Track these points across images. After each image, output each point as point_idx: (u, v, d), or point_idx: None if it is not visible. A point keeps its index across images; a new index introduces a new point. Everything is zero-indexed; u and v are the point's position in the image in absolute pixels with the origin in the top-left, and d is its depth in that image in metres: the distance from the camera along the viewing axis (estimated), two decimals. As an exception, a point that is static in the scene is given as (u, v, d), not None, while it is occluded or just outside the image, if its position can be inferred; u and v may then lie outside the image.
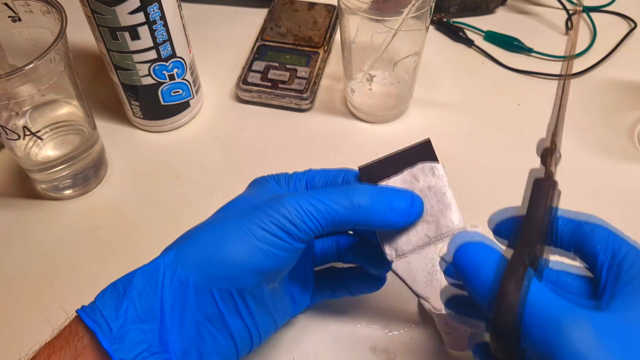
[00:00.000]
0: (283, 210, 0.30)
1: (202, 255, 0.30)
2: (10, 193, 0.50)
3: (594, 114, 0.54)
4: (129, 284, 0.29)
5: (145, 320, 0.29)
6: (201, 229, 0.32)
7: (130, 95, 0.51)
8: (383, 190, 0.33)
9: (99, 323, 0.28)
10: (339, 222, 0.31)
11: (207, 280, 0.29)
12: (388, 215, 0.32)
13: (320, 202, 0.31)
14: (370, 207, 0.31)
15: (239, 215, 0.31)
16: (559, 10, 0.63)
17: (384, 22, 0.45)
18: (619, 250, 0.28)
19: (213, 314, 0.30)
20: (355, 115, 0.55)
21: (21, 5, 0.43)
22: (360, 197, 0.31)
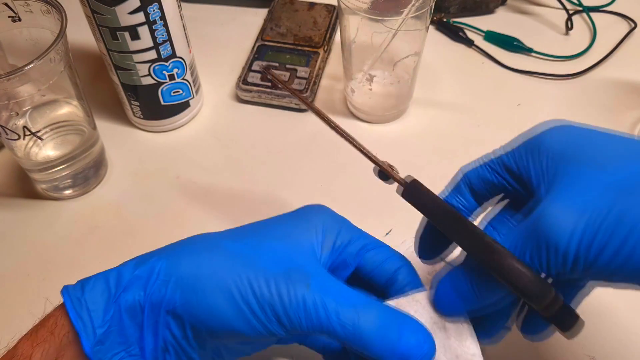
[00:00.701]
0: (286, 296, 0.27)
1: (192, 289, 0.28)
2: (10, 193, 0.50)
3: (594, 114, 0.54)
4: (120, 283, 0.29)
5: (127, 324, 0.28)
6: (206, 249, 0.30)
7: (130, 95, 0.51)
8: (396, 326, 0.28)
9: (84, 321, 0.28)
10: (334, 338, 0.28)
11: (185, 314, 0.28)
12: (389, 358, 0.27)
13: (325, 312, 0.27)
14: (371, 341, 0.27)
15: (249, 265, 0.29)
16: (559, 10, 0.63)
17: (384, 22, 0.45)
18: None
19: (180, 338, 0.29)
20: (355, 115, 0.55)
21: (21, 5, 0.43)
22: (366, 320, 0.27)
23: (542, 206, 0.26)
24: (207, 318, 0.28)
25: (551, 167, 0.28)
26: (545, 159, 0.28)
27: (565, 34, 0.61)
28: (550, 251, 0.25)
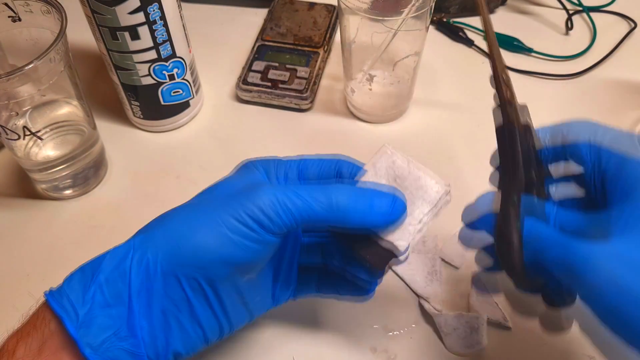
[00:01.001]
0: (258, 200, 0.29)
1: (171, 241, 0.29)
2: (10, 193, 0.50)
3: (594, 114, 0.54)
4: (97, 267, 0.29)
5: (112, 305, 0.28)
6: (173, 213, 0.31)
7: (130, 95, 0.51)
8: (364, 192, 0.31)
9: (65, 308, 0.28)
10: (315, 220, 0.30)
11: (175, 267, 0.29)
12: (369, 217, 0.30)
13: (298, 196, 0.30)
14: (348, 208, 0.30)
15: (213, 202, 0.31)
16: (559, 10, 0.63)
17: (384, 22, 0.45)
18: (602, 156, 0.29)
19: (180, 301, 0.29)
20: (355, 115, 0.55)
21: (21, 5, 0.43)
22: (339, 197, 0.30)
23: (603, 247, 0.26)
24: (196, 258, 0.29)
25: (631, 194, 0.28)
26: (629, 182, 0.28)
27: (565, 34, 0.61)
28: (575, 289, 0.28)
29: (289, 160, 0.35)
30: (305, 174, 0.35)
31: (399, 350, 0.40)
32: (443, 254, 0.44)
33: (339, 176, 0.34)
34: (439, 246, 0.45)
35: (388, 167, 0.33)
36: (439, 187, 0.32)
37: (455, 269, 0.44)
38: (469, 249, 0.34)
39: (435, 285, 0.43)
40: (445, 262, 0.44)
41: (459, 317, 0.40)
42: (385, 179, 0.33)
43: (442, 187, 0.32)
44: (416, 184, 0.32)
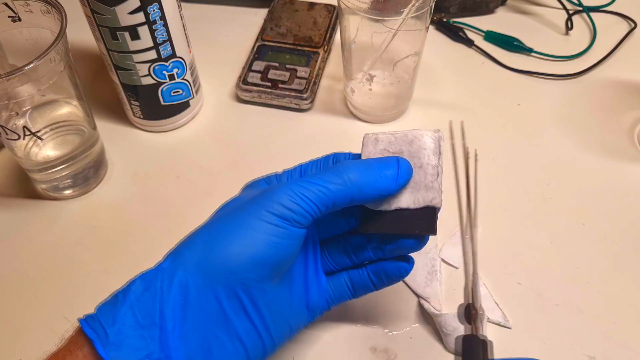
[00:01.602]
0: (276, 197, 0.30)
1: (199, 254, 0.29)
2: (10, 193, 0.50)
3: (594, 114, 0.54)
4: (128, 290, 0.29)
5: (144, 327, 0.28)
6: (197, 231, 0.31)
7: (130, 95, 0.51)
8: (369, 162, 0.33)
9: (96, 330, 0.28)
10: (334, 201, 0.31)
11: (208, 279, 0.29)
12: (380, 183, 0.32)
13: (311, 183, 0.31)
14: (361, 179, 0.31)
15: (232, 211, 0.31)
16: (559, 10, 0.63)
17: (384, 22, 0.45)
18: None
19: (217, 315, 0.29)
20: (355, 115, 0.55)
21: (21, 5, 0.43)
22: (349, 173, 0.31)
23: None
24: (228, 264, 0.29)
25: None
26: None
27: (565, 34, 0.61)
28: None
29: (286, 170, 0.37)
30: (307, 172, 0.36)
31: (399, 350, 0.40)
32: (443, 254, 0.44)
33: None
34: (439, 246, 0.45)
35: (375, 147, 0.34)
36: (431, 134, 0.34)
37: (455, 269, 0.44)
38: None
39: (435, 285, 0.43)
40: (445, 262, 0.44)
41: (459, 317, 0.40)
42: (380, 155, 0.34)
43: (433, 133, 0.34)
44: (410, 144, 0.34)
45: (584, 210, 0.47)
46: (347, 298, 0.37)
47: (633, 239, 0.45)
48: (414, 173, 0.33)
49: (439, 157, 0.33)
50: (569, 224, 0.46)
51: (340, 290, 0.37)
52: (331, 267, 0.37)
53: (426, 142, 0.33)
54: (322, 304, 0.36)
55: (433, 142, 0.34)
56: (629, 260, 0.44)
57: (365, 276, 0.36)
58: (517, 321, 0.41)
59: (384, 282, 0.36)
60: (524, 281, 0.43)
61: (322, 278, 0.36)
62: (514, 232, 0.46)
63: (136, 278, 0.30)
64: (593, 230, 0.46)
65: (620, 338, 0.40)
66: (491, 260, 0.44)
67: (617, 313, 0.41)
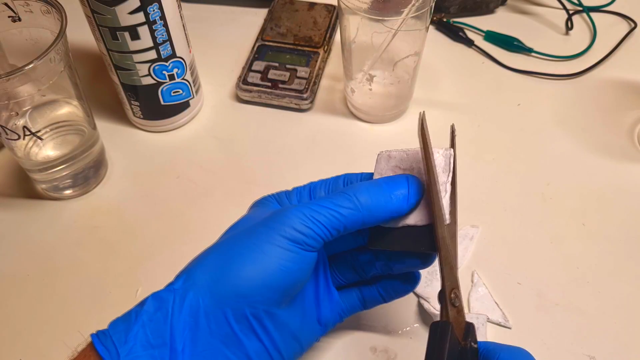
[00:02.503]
0: (287, 220, 0.30)
1: (211, 277, 0.29)
2: (10, 193, 0.50)
3: (594, 114, 0.54)
4: (140, 309, 0.29)
5: (155, 346, 0.28)
6: (209, 251, 0.31)
7: (130, 95, 0.51)
8: (379, 182, 0.32)
9: (108, 348, 0.28)
10: (346, 225, 0.31)
11: (218, 302, 0.29)
12: (392, 204, 0.31)
13: (322, 207, 0.30)
14: (372, 202, 0.31)
15: (244, 233, 0.31)
16: (559, 10, 0.63)
17: (384, 22, 0.45)
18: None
19: (227, 337, 0.29)
20: (355, 115, 0.55)
21: (21, 5, 0.43)
22: (360, 196, 0.31)
23: None
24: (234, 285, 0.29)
25: None
26: None
27: (565, 34, 0.61)
28: None
29: (297, 187, 0.36)
30: (316, 195, 0.35)
31: (399, 350, 0.40)
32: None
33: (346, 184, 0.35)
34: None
35: (388, 164, 0.34)
36: (442, 151, 0.33)
37: (455, 269, 0.44)
38: None
39: (435, 285, 0.43)
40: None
41: (459, 317, 0.40)
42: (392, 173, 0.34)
43: (445, 151, 0.33)
44: (421, 162, 0.33)
45: (584, 210, 0.47)
46: (359, 310, 0.38)
47: (633, 239, 0.45)
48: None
49: (448, 174, 0.33)
50: (569, 224, 0.46)
51: (351, 304, 0.37)
52: (340, 282, 0.37)
53: (436, 159, 0.33)
54: (334, 318, 0.36)
55: (443, 159, 0.33)
56: (629, 260, 0.44)
57: (375, 292, 0.37)
58: (517, 321, 0.41)
59: (393, 296, 0.37)
60: (524, 281, 0.43)
61: (334, 293, 0.36)
62: (514, 232, 0.46)
63: (149, 297, 0.30)
64: (593, 230, 0.46)
65: (620, 338, 0.40)
66: (491, 260, 0.44)
67: (617, 313, 0.41)
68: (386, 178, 0.33)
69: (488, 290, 0.42)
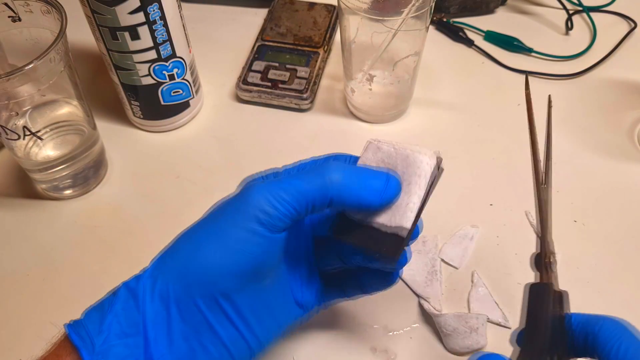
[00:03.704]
0: (252, 200, 0.29)
1: (179, 264, 0.29)
2: (10, 193, 0.50)
3: (594, 114, 0.54)
4: (114, 299, 0.29)
5: (130, 335, 0.28)
6: (179, 237, 0.31)
7: (130, 95, 0.51)
8: (358, 168, 0.31)
9: (83, 338, 0.28)
10: (313, 202, 0.29)
11: (188, 289, 0.29)
12: (363, 193, 0.30)
13: (290, 184, 0.29)
14: (343, 183, 0.30)
15: (212, 216, 0.31)
16: (559, 10, 0.63)
17: (384, 22, 0.45)
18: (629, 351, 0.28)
19: (199, 324, 0.29)
20: (355, 115, 0.55)
21: (21, 5, 0.43)
22: (333, 174, 0.30)
23: None
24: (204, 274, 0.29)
25: None
26: None
27: (565, 34, 0.61)
28: None
29: (286, 166, 0.35)
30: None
31: (399, 350, 0.40)
32: (443, 254, 0.44)
33: None
34: (439, 246, 0.45)
35: (375, 155, 0.33)
36: (430, 160, 0.31)
37: (455, 269, 0.44)
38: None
39: (435, 285, 0.43)
40: (445, 262, 0.44)
41: (459, 317, 0.40)
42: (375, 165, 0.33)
43: (432, 159, 0.31)
44: (406, 162, 0.31)
45: (584, 210, 0.47)
46: (340, 297, 0.37)
47: (633, 239, 0.45)
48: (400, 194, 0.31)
49: (428, 187, 0.31)
50: (569, 224, 0.46)
51: (333, 290, 0.37)
52: (326, 267, 0.36)
53: (422, 166, 0.31)
54: (312, 300, 0.36)
55: (429, 168, 0.31)
56: (629, 260, 0.44)
57: (356, 282, 0.36)
58: (517, 321, 0.41)
59: (371, 290, 0.36)
60: (524, 281, 0.43)
61: (315, 275, 0.36)
62: (514, 232, 0.46)
63: (121, 286, 0.30)
64: (593, 230, 0.46)
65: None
66: (491, 260, 0.44)
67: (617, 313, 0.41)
68: (366, 168, 0.32)
69: (488, 290, 0.42)
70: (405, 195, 0.31)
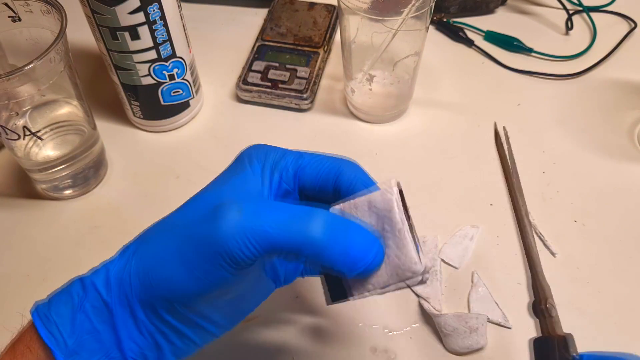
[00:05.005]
0: (222, 233, 0.27)
1: (144, 273, 0.29)
2: (10, 193, 0.50)
3: (594, 114, 0.54)
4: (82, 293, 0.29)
5: (101, 331, 0.28)
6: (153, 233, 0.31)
7: (130, 95, 0.51)
8: (345, 235, 0.27)
9: (55, 336, 0.28)
10: (286, 252, 0.27)
11: (150, 299, 0.28)
12: (342, 260, 0.27)
13: (269, 225, 0.26)
14: (325, 245, 0.27)
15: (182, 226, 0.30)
16: (559, 10, 0.63)
17: (384, 22, 0.45)
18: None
19: (164, 325, 0.29)
20: (355, 115, 0.55)
21: (21, 5, 0.43)
22: (316, 230, 0.26)
23: None
24: (167, 292, 0.28)
25: None
26: None
27: (565, 34, 0.61)
28: None
29: (288, 154, 0.32)
30: (302, 175, 0.32)
31: (399, 350, 0.40)
32: (443, 254, 0.44)
33: (336, 188, 0.31)
34: (439, 246, 0.45)
35: (384, 211, 0.29)
36: (416, 269, 0.28)
37: (455, 269, 0.44)
38: None
39: (435, 285, 0.43)
40: (445, 262, 0.44)
41: (459, 317, 0.40)
42: (375, 221, 0.29)
43: (419, 270, 0.28)
44: (397, 249, 0.29)
45: (584, 210, 0.47)
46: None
47: (633, 239, 0.45)
48: None
49: (395, 284, 0.29)
50: (569, 224, 0.46)
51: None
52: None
53: (408, 262, 0.28)
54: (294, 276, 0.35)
55: (409, 274, 0.28)
56: (629, 260, 0.44)
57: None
58: (517, 321, 0.41)
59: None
60: (524, 281, 0.43)
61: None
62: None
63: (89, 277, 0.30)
64: (593, 230, 0.46)
65: (621, 338, 0.40)
66: (491, 260, 0.44)
67: (618, 313, 0.41)
68: (356, 229, 0.28)
69: (488, 290, 0.42)
70: (376, 274, 0.29)
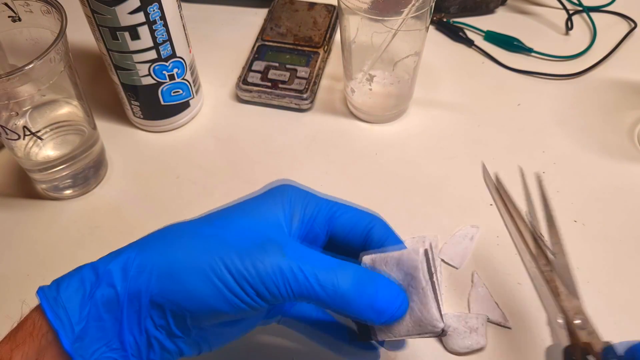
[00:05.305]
0: (261, 266, 0.28)
1: (165, 275, 0.29)
2: (10, 193, 0.50)
3: (594, 114, 0.54)
4: (95, 281, 0.29)
5: (106, 320, 0.28)
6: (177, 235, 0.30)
7: (130, 95, 0.51)
8: (373, 282, 0.29)
9: (62, 322, 0.27)
10: (313, 301, 0.29)
11: (164, 302, 0.29)
12: (367, 313, 0.29)
13: (303, 274, 0.28)
14: (351, 299, 0.28)
15: (218, 241, 0.29)
16: (559, 10, 0.63)
17: (384, 22, 0.45)
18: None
19: (164, 328, 0.29)
20: (355, 115, 0.55)
21: (21, 5, 0.43)
22: (346, 286, 0.28)
23: None
24: (186, 302, 0.28)
25: None
26: None
27: (565, 34, 0.61)
28: None
29: (321, 201, 0.33)
30: (335, 224, 0.33)
31: (399, 350, 0.40)
32: (443, 254, 0.44)
33: (367, 240, 0.32)
34: (439, 246, 0.45)
35: (410, 269, 0.30)
36: (437, 326, 0.30)
37: (455, 269, 0.44)
38: None
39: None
40: (445, 262, 0.44)
41: (459, 317, 0.40)
42: (402, 276, 0.30)
43: (439, 327, 0.30)
44: (419, 305, 0.30)
45: (584, 210, 0.47)
46: None
47: (633, 239, 0.45)
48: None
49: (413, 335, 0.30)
50: (569, 224, 0.46)
51: None
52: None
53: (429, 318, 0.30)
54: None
55: (430, 328, 0.30)
56: (628, 260, 0.44)
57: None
58: (517, 321, 0.41)
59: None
60: (524, 281, 0.43)
61: None
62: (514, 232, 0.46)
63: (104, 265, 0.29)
64: (593, 230, 0.46)
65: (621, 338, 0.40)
66: (491, 260, 0.44)
67: (617, 313, 0.41)
68: (383, 283, 0.30)
69: (488, 290, 0.42)
70: (399, 323, 0.30)
